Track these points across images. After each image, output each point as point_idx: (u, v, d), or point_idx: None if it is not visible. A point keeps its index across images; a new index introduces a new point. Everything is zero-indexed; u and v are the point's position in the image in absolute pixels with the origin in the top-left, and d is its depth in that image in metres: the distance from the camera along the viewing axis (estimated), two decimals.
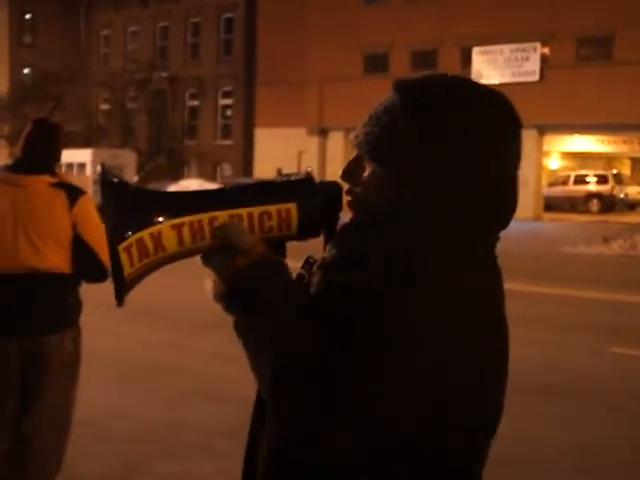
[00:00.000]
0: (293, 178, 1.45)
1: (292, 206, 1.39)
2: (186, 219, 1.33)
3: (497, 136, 1.36)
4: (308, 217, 1.41)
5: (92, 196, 3.96)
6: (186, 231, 1.33)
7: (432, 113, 1.34)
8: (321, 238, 1.45)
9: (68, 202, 3.72)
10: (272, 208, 1.38)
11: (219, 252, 1.34)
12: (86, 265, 3.79)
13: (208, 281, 1.38)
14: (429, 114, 1.35)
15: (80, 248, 3.74)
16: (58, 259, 3.73)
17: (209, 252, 1.36)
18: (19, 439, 3.82)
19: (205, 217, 1.34)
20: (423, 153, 1.34)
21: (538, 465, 5.17)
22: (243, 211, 1.36)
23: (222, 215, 1.34)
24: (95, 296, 4.32)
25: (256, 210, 1.36)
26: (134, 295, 1.41)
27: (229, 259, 1.33)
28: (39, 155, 3.81)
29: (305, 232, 1.42)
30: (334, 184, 1.45)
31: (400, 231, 1.33)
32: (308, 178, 1.44)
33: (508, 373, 1.43)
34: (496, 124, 1.36)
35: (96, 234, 3.79)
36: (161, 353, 6.90)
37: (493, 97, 1.39)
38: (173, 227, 1.33)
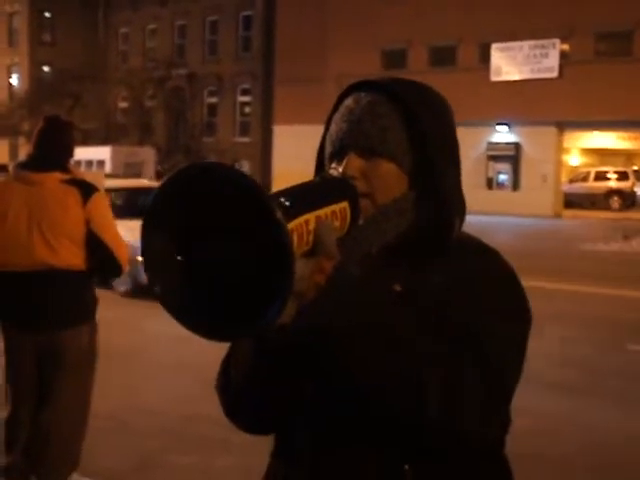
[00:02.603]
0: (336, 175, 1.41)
1: (346, 205, 1.33)
2: (293, 224, 1.15)
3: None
4: (355, 216, 1.35)
5: (104, 193, 3.96)
6: (295, 237, 1.16)
7: (424, 105, 1.46)
8: None
9: (81, 199, 3.73)
10: (336, 207, 1.29)
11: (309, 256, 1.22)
12: (101, 261, 3.80)
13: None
14: (423, 106, 1.45)
15: (94, 244, 3.75)
16: (71, 256, 3.74)
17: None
18: (37, 433, 3.84)
19: (302, 220, 1.19)
20: (432, 137, 1.44)
21: (554, 461, 5.13)
22: (322, 212, 1.25)
23: (311, 217, 1.21)
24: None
25: (328, 210, 1.27)
26: None
27: (315, 262, 1.22)
28: (50, 152, 3.81)
29: (347, 233, 1.35)
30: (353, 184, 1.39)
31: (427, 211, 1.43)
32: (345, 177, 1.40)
33: None
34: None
35: (110, 230, 3.80)
36: (181, 347, 6.91)
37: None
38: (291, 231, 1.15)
